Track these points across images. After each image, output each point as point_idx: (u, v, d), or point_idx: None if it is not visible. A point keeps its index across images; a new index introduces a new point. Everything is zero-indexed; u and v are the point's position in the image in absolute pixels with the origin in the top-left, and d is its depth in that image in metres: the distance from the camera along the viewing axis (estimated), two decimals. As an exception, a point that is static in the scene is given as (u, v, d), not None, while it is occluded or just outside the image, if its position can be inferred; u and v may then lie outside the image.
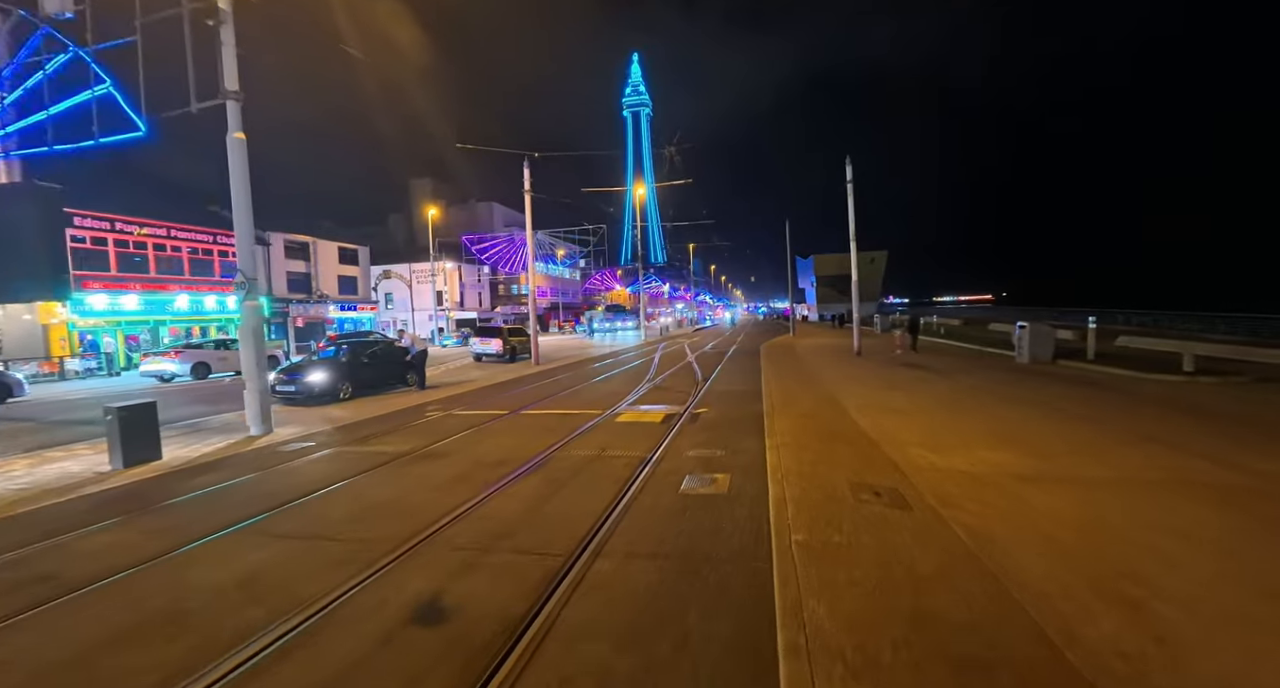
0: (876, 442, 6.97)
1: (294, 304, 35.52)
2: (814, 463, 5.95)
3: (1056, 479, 5.37)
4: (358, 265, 43.18)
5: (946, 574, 3.48)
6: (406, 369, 15.30)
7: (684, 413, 9.37)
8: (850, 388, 11.73)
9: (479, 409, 10.74)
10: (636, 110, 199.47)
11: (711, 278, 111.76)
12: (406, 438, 8.30)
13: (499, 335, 22.30)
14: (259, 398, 8.95)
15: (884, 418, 8.44)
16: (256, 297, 9.16)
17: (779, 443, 6.88)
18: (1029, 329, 16.83)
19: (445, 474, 6.23)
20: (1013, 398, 10.02)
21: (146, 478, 6.55)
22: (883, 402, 9.92)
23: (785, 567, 3.56)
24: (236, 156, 8.86)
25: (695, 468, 6.02)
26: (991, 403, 9.54)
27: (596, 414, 9.59)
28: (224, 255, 30.49)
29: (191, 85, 9.02)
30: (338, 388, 12.66)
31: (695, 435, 7.66)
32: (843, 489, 5.10)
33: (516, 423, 9.23)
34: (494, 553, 4.01)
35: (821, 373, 14.55)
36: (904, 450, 6.51)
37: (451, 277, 51.96)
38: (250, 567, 3.95)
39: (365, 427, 9.44)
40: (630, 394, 11.88)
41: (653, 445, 7.09)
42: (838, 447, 6.71)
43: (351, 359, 13.62)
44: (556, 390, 13.05)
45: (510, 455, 6.90)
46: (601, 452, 6.93)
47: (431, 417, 10.19)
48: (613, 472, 6.02)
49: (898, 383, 12.53)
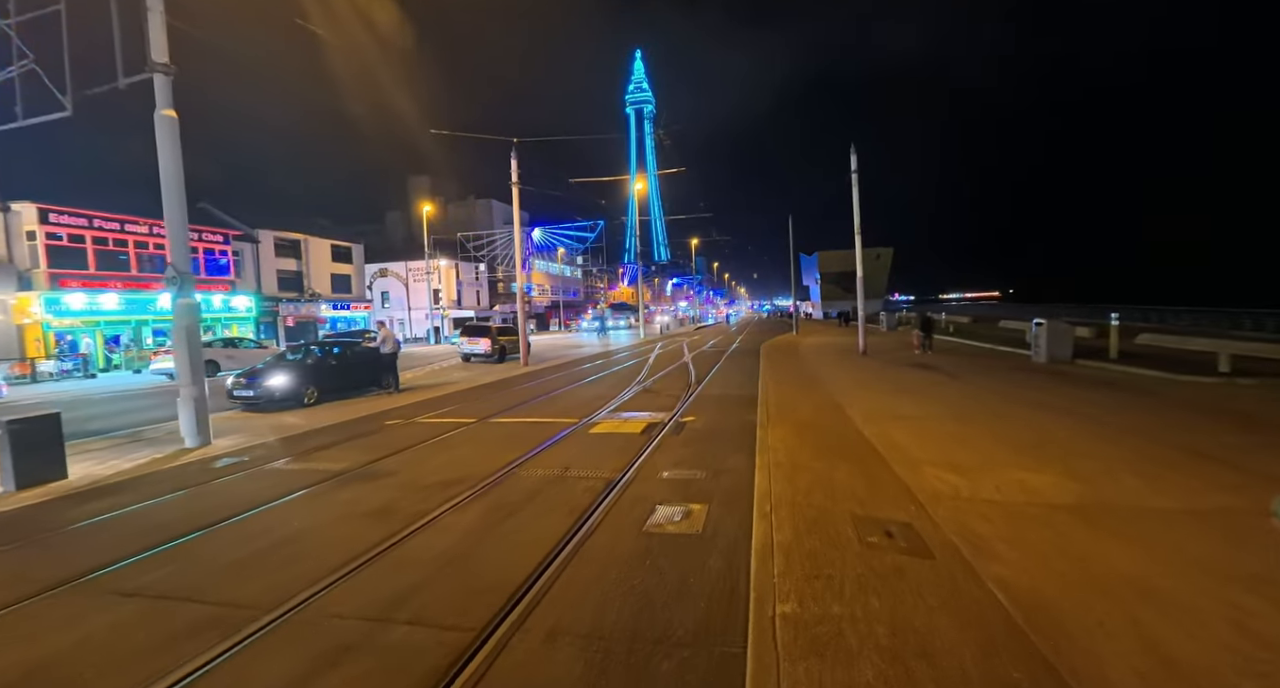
0: (885, 459, 5.98)
1: (284, 303, 34.70)
2: (810, 489, 4.96)
3: (1106, 510, 4.36)
4: (352, 263, 42.35)
5: (987, 667, 2.50)
6: (382, 371, 14.40)
7: (668, 422, 8.39)
8: (855, 392, 10.72)
9: (446, 416, 9.79)
10: (639, 107, 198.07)
11: (714, 275, 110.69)
12: (353, 452, 7.36)
13: (487, 335, 21.36)
14: (194, 407, 8.02)
15: (893, 428, 7.44)
16: (190, 293, 8.22)
17: (772, 460, 5.89)
18: (1046, 327, 15.76)
19: (376, 500, 5.28)
20: (1035, 403, 8.99)
21: (30, 505, 5.63)
22: (890, 408, 8.91)
23: (763, 659, 2.58)
24: (166, 136, 7.92)
25: (668, 495, 5.04)
26: (1012, 410, 8.52)
27: (571, 423, 8.62)
28: (209, 253, 29.70)
29: (119, 59, 8.09)
30: (301, 392, 11.74)
31: (676, 451, 6.68)
32: (845, 528, 4.11)
33: (481, 433, 8.27)
34: (385, 628, 3.04)
35: (824, 374, 13.54)
36: (918, 470, 5.51)
37: (449, 275, 51.08)
38: (52, 650, 3.00)
39: (316, 437, 8.51)
40: (615, 399, 10.92)
41: (625, 464, 6.11)
42: (840, 466, 5.71)
43: (318, 362, 12.70)
44: (537, 394, 12.09)
45: (460, 475, 5.94)
46: (565, 471, 5.96)
47: (392, 425, 9.25)
48: (570, 499, 5.05)
49: (907, 386, 11.52)
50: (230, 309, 30.31)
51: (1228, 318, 29.06)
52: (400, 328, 47.78)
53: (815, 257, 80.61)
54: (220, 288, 29.90)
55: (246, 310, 31.30)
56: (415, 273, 47.64)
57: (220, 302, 29.61)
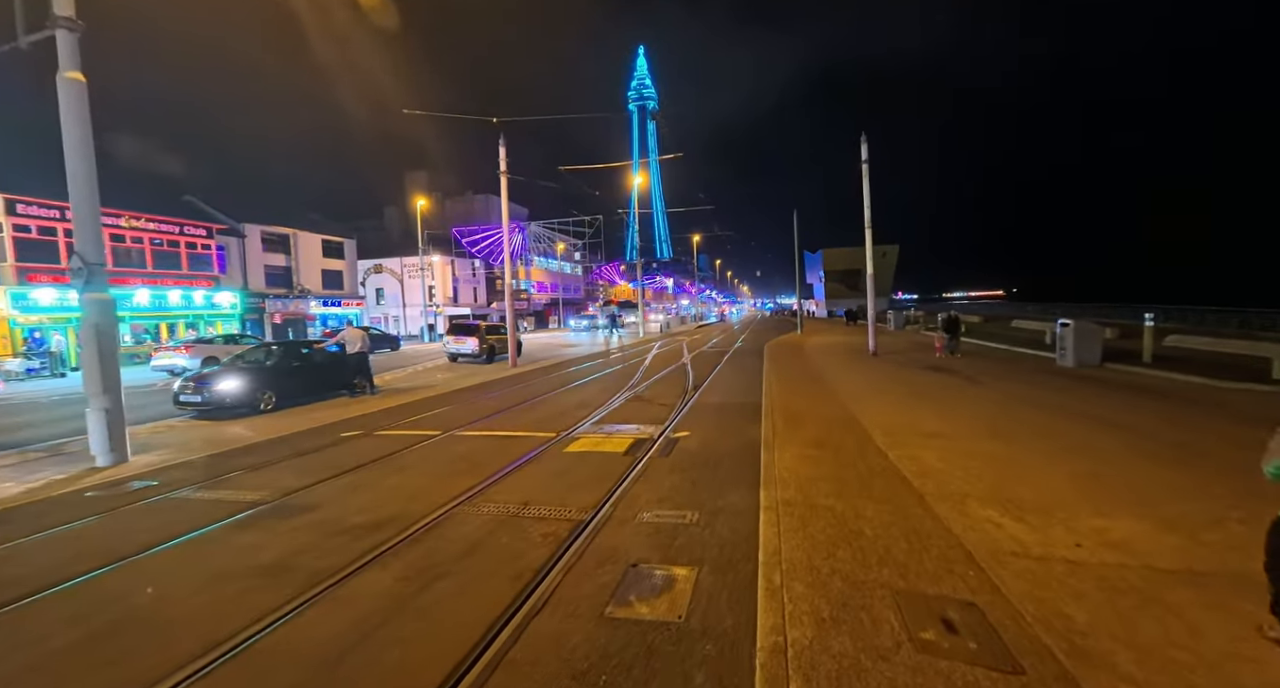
0: (920, 493, 4.82)
1: (271, 299, 33.58)
2: (833, 545, 3.79)
3: (1234, 580, 3.20)
4: (343, 259, 41.23)
5: None
6: (354, 374, 13.29)
7: (658, 438, 7.23)
8: (870, 400, 9.54)
9: (410, 427, 8.65)
10: (642, 104, 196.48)
11: (716, 273, 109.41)
12: (286, 475, 6.22)
13: (475, 334, 20.21)
14: (105, 420, 6.90)
15: (922, 448, 6.27)
16: (101, 287, 7.10)
17: (780, 497, 4.72)
18: (1074, 328, 14.55)
19: (277, 549, 4.14)
20: (1078, 415, 7.81)
21: None
22: (914, 421, 7.74)
23: None
24: (72, 103, 6.77)
25: (647, 551, 3.87)
26: (1056, 424, 7.33)
27: (547, 438, 7.47)
28: (192, 247, 28.59)
29: (19, 15, 6.94)
30: (256, 398, 10.62)
31: (664, 479, 5.51)
32: (886, 612, 2.95)
33: (441, 451, 7.12)
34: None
35: (834, 379, 12.35)
36: (965, 511, 4.36)
37: (444, 271, 49.94)
38: None
39: (253, 454, 7.38)
40: (602, 407, 9.76)
41: (598, 499, 4.95)
42: (866, 505, 4.55)
43: (278, 364, 11.57)
44: (518, 401, 10.94)
45: (395, 512, 4.80)
46: (523, 508, 4.81)
47: (347, 438, 8.12)
48: (519, 555, 3.90)
49: (927, 392, 10.33)
50: (213, 306, 29.22)
51: (1235, 317, 27.83)
52: (396, 325, 46.70)
53: (819, 254, 79.21)
54: (202, 284, 28.80)
55: (231, 307, 30.21)
56: (410, 269, 46.52)
57: (202, 298, 28.51)
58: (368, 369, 12.78)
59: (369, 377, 12.83)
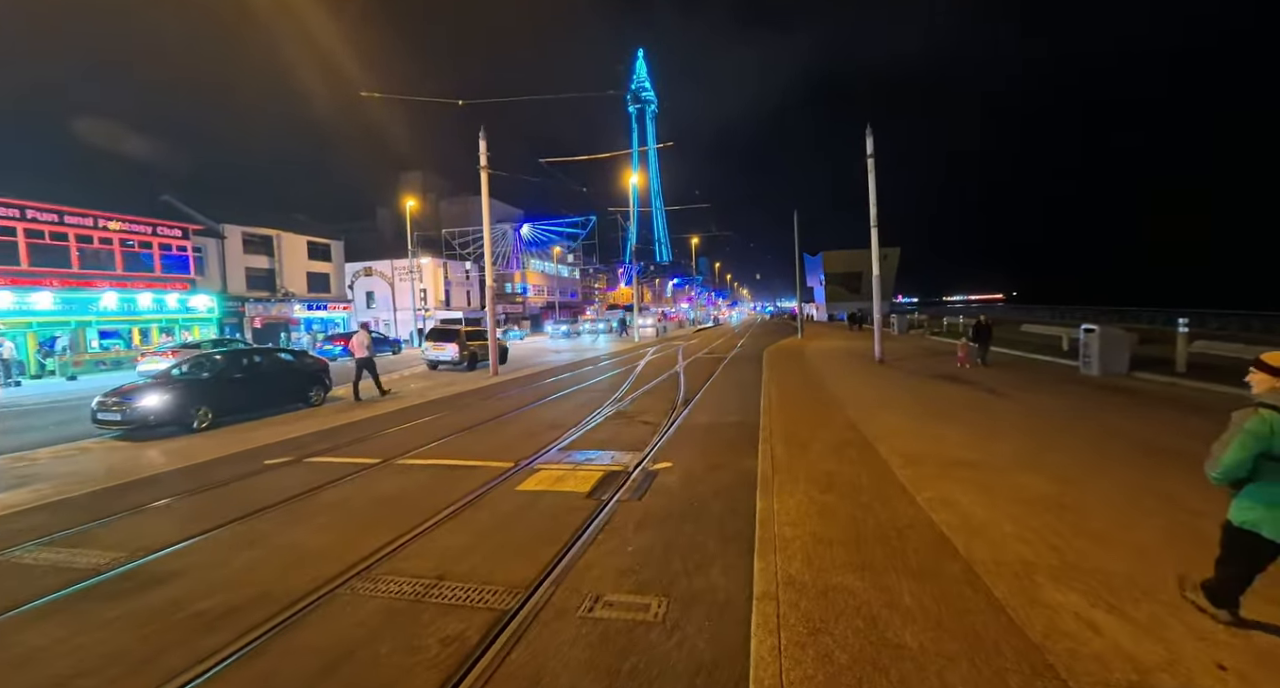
0: (969, 561, 3.59)
1: (251, 303, 32.34)
2: (863, 675, 2.55)
3: None
4: (330, 261, 40.07)
5: None
6: (311, 383, 12.11)
7: (633, 471, 5.99)
8: (883, 417, 8.31)
9: (347, 453, 7.42)
10: (641, 107, 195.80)
11: (716, 276, 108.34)
12: (162, 523, 5.00)
13: (455, 339, 18.96)
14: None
15: (954, 485, 5.04)
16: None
17: (783, 575, 3.48)
18: (1099, 334, 13.35)
19: (78, 659, 2.91)
20: (1129, 439, 6.56)
21: None
22: (938, 445, 6.51)
23: None
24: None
25: (585, 677, 2.64)
26: (1106, 451, 6.09)
27: (502, 470, 6.24)
28: (166, 249, 27.36)
29: None
30: (188, 414, 9.38)
31: (629, 537, 4.27)
32: None
33: (367, 489, 5.87)
34: None
35: (840, 391, 11.11)
36: (1038, 599, 3.13)
37: (436, 273, 48.76)
38: None
39: (150, 488, 6.14)
40: (576, 426, 8.54)
41: (538, 570, 3.72)
42: (902, 591, 3.30)
43: (216, 376, 10.32)
44: (486, 417, 9.71)
45: (263, 591, 3.57)
46: (433, 587, 3.57)
47: (269, 466, 6.89)
48: (400, 678, 2.66)
49: (945, 406, 9.10)
50: (188, 309, 27.96)
51: (1235, 320, 26.84)
52: (386, 329, 45.46)
53: (820, 257, 78.06)
54: (177, 286, 27.56)
55: (208, 311, 28.96)
56: (401, 272, 45.31)
57: (176, 301, 27.26)
58: (374, 370, 12.95)
59: (376, 379, 13.04)
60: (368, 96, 12.65)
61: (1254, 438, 2.54)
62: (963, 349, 15.33)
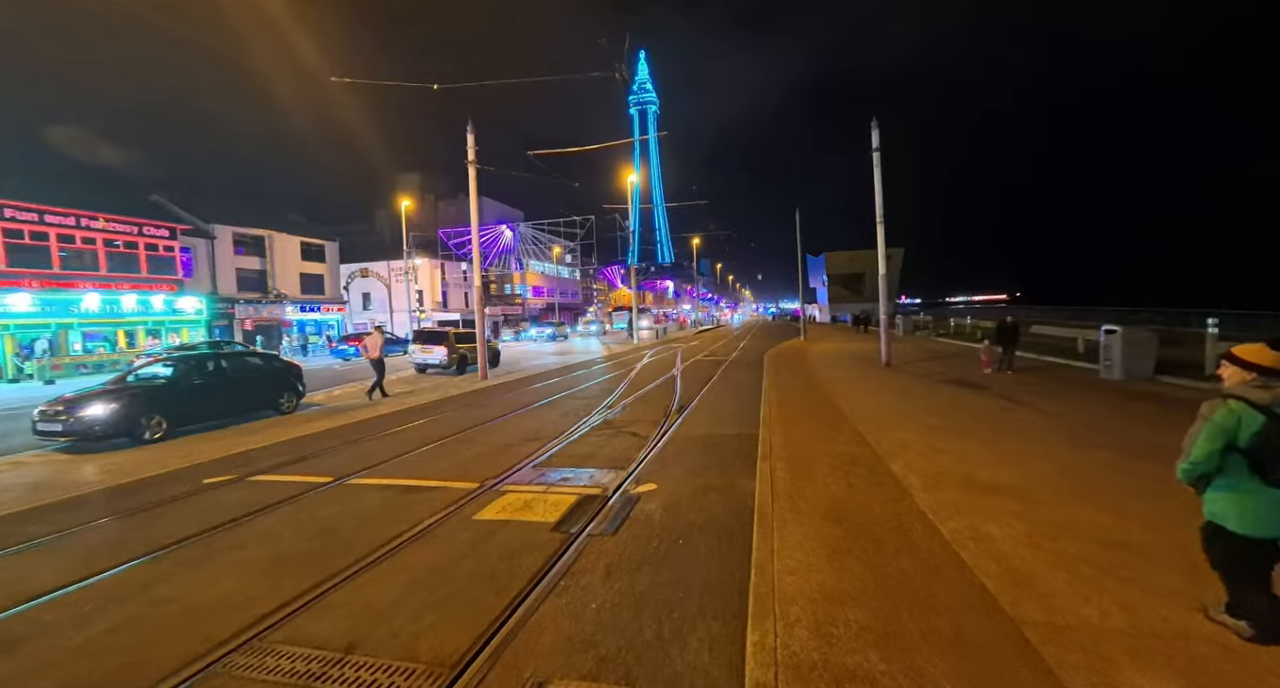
0: (1019, 626, 2.81)
1: (241, 304, 31.65)
2: None
3: None
4: (324, 262, 39.38)
5: None
6: (283, 389, 11.38)
7: (611, 495, 5.21)
8: (896, 430, 7.51)
9: (299, 469, 6.66)
10: (643, 107, 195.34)
11: (717, 277, 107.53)
12: (42, 566, 4.24)
13: (443, 342, 18.22)
14: None
15: (987, 518, 4.24)
16: None
17: (784, 653, 2.68)
18: (1121, 336, 12.54)
19: None
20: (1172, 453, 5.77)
21: None
22: (961, 464, 5.71)
23: None
24: None
25: None
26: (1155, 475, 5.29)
27: (465, 492, 5.47)
28: (152, 249, 26.69)
29: None
30: (138, 425, 8.65)
31: (595, 590, 3.47)
32: None
33: (303, 517, 5.10)
34: None
35: (847, 399, 10.30)
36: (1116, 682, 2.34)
37: (432, 274, 48.10)
38: None
39: (66, 513, 5.39)
40: (557, 439, 7.76)
41: (477, 635, 2.94)
42: (938, 668, 2.52)
43: (172, 382, 9.57)
44: (462, 427, 8.94)
45: (114, 667, 2.81)
46: (340, 658, 2.79)
47: (208, 486, 6.13)
48: None
49: (962, 417, 8.28)
50: (175, 311, 27.28)
51: (1267, 319, 26.06)
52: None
53: (822, 258, 77.18)
54: (163, 288, 26.88)
55: (196, 313, 28.28)
56: (398, 273, 44.65)
57: (162, 303, 26.57)
58: (382, 370, 13.07)
59: (382, 378, 13.02)
60: (338, 82, 11.88)
61: (1221, 430, 2.56)
62: (986, 353, 13.75)
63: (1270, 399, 2.51)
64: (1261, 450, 2.48)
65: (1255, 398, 2.53)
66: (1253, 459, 2.51)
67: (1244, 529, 2.57)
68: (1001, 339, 13.58)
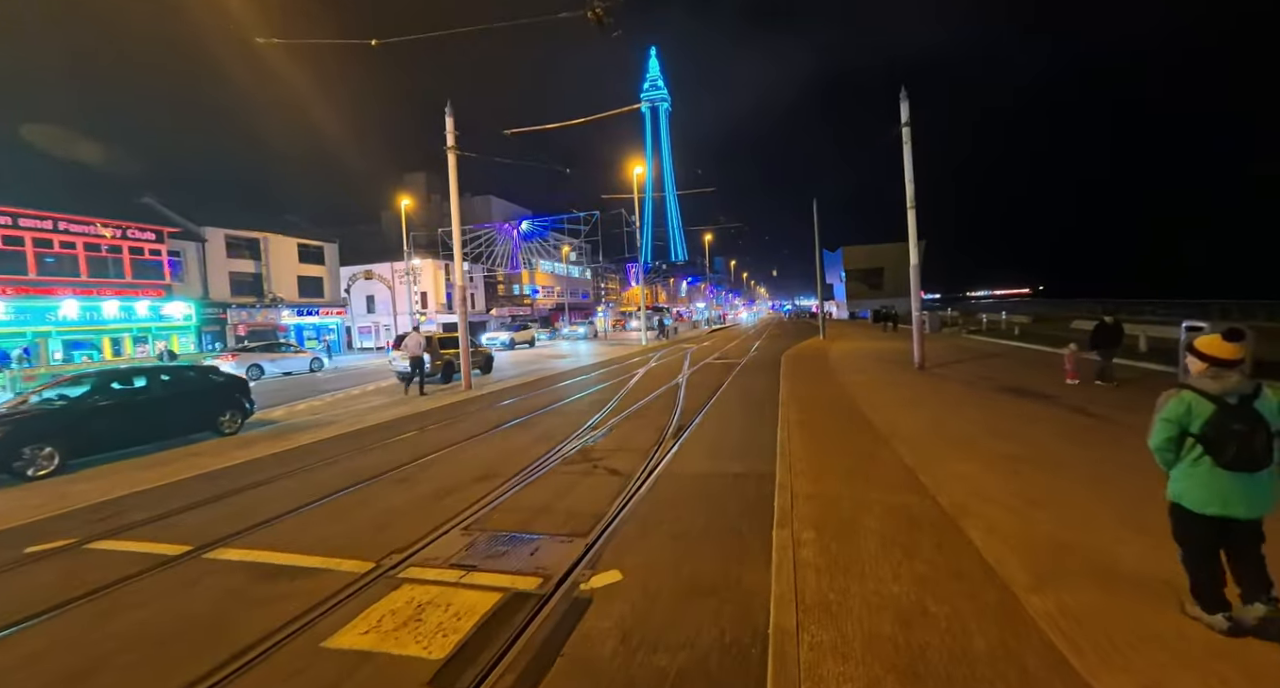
0: None
1: (234, 309, 30.52)
2: None
3: None
4: (323, 265, 38.26)
5: None
6: (223, 406, 9.87)
7: (551, 595, 3.46)
8: (959, 464, 5.63)
9: (151, 536, 4.99)
10: (655, 104, 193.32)
11: (731, 275, 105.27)
12: None
13: (427, 347, 16.61)
14: None
15: (1166, 651, 2.42)
16: None
17: None
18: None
19: None
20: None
21: None
22: (1084, 534, 3.85)
23: None
24: None
25: None
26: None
27: (350, 576, 3.78)
28: (137, 253, 25.61)
29: None
30: (17, 457, 7.14)
31: None
32: None
33: (113, 621, 3.42)
34: None
35: (883, 412, 8.40)
36: None
37: (437, 275, 46.86)
38: None
39: None
40: (517, 475, 6.04)
41: None
42: None
43: (73, 404, 8.06)
44: (401, 460, 7.25)
45: None
46: None
47: (23, 559, 4.53)
48: None
49: (1040, 440, 6.32)
50: (162, 317, 26.19)
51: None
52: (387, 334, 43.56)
53: (839, 253, 74.61)
54: (150, 293, 25.79)
55: (184, 318, 27.19)
56: (402, 274, 43.44)
57: (147, 309, 25.46)
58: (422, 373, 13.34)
59: (422, 381, 13.46)
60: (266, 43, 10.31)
61: (1171, 420, 2.70)
62: (1070, 359, 10.78)
63: (1219, 389, 2.60)
64: (1212, 436, 2.59)
65: (1207, 388, 2.63)
66: (1205, 444, 2.62)
67: (1197, 507, 2.69)
68: (1100, 342, 10.54)
